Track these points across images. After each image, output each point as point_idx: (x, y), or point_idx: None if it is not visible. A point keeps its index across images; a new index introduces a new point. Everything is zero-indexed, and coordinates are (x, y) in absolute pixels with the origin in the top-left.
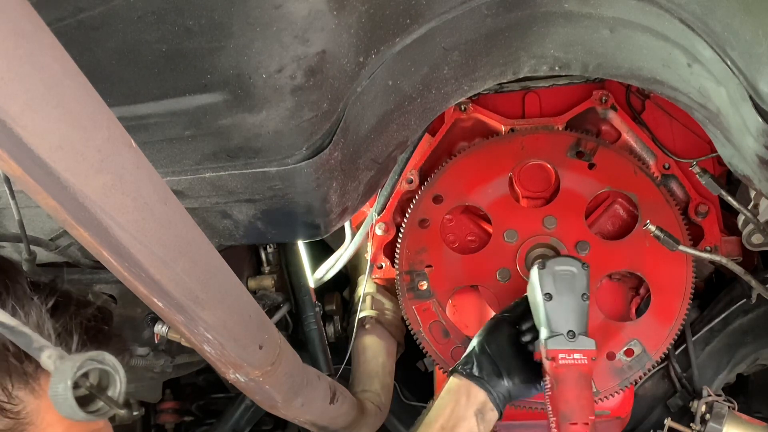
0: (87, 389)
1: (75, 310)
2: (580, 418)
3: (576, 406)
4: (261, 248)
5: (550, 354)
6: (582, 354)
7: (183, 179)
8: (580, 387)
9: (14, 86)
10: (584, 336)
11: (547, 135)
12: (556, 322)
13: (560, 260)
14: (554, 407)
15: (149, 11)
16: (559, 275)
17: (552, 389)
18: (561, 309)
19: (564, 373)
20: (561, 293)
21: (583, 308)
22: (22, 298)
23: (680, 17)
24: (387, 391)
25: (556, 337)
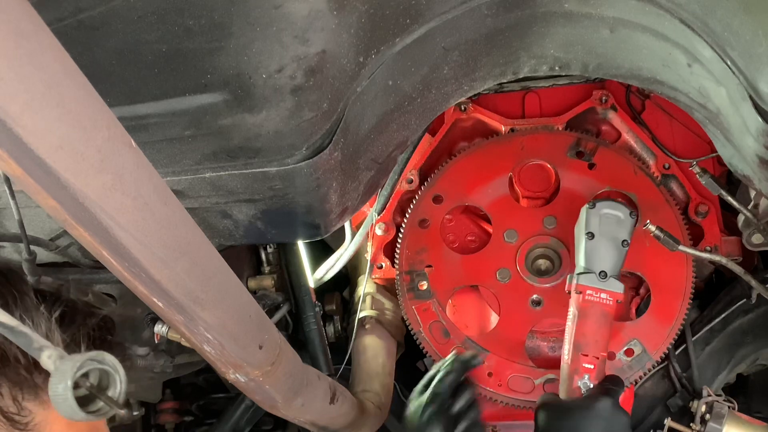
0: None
1: (81, 321)
2: (593, 351)
3: (591, 340)
4: (261, 248)
5: (580, 288)
6: (609, 295)
7: (183, 179)
8: (599, 324)
9: (14, 86)
10: (615, 279)
11: (547, 135)
12: (591, 260)
13: (610, 203)
14: (571, 337)
15: (149, 11)
16: (605, 217)
17: (573, 320)
18: (599, 249)
19: (588, 308)
20: (603, 234)
21: (620, 253)
22: (30, 309)
23: (680, 17)
24: (387, 391)
25: (589, 275)
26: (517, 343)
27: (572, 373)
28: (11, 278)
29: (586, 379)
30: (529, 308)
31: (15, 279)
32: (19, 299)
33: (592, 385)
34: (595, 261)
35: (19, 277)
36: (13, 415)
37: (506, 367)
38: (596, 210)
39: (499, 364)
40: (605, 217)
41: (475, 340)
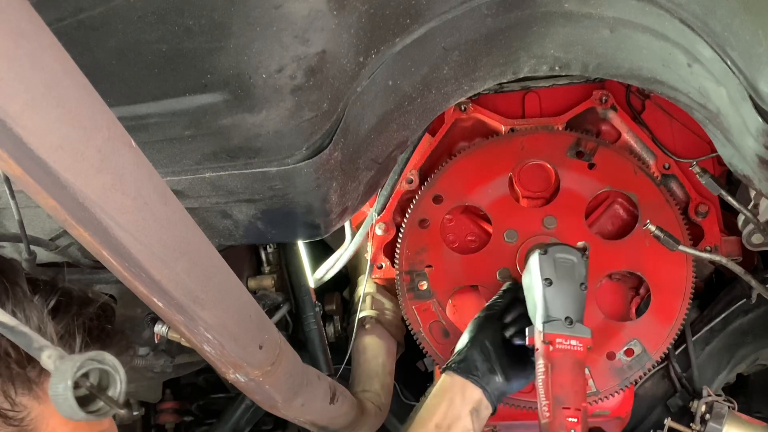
0: (87, 389)
1: (77, 311)
2: (573, 403)
3: (570, 391)
4: (261, 248)
5: (548, 338)
6: (578, 341)
7: (183, 179)
8: (575, 373)
9: (14, 86)
10: (581, 324)
11: (547, 135)
12: (554, 307)
13: (561, 248)
14: (547, 391)
15: (149, 11)
16: (560, 262)
17: (546, 373)
18: (560, 295)
19: (560, 358)
20: (561, 279)
21: (581, 297)
22: (22, 300)
23: (680, 17)
24: (387, 391)
25: (554, 322)
26: None
27: (557, 429)
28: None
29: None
30: None
31: (6, 269)
32: (10, 291)
33: None
34: (558, 308)
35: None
36: (6, 411)
37: None
38: (549, 255)
39: None
40: (559, 261)
41: None
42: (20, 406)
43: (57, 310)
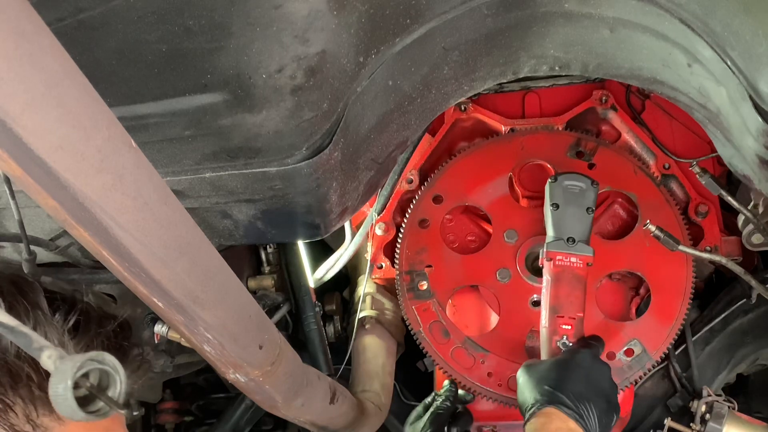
0: (87, 389)
1: (96, 329)
2: (567, 312)
3: (566, 302)
4: (261, 248)
5: (549, 255)
6: (578, 258)
7: (183, 179)
8: (572, 286)
9: (14, 86)
10: (584, 243)
11: (547, 135)
12: (559, 229)
13: (570, 175)
14: (546, 302)
15: (149, 11)
16: (568, 188)
17: (547, 287)
18: (566, 217)
19: (559, 273)
20: (567, 204)
21: (586, 219)
22: (42, 322)
23: (680, 17)
24: (387, 391)
25: (557, 242)
26: (517, 343)
27: (551, 335)
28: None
29: (564, 339)
30: (529, 308)
31: (27, 290)
32: (31, 312)
33: (571, 344)
34: (562, 229)
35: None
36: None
37: (506, 367)
38: (558, 183)
39: (499, 364)
40: (568, 188)
41: (475, 340)
42: (41, 427)
43: (76, 329)
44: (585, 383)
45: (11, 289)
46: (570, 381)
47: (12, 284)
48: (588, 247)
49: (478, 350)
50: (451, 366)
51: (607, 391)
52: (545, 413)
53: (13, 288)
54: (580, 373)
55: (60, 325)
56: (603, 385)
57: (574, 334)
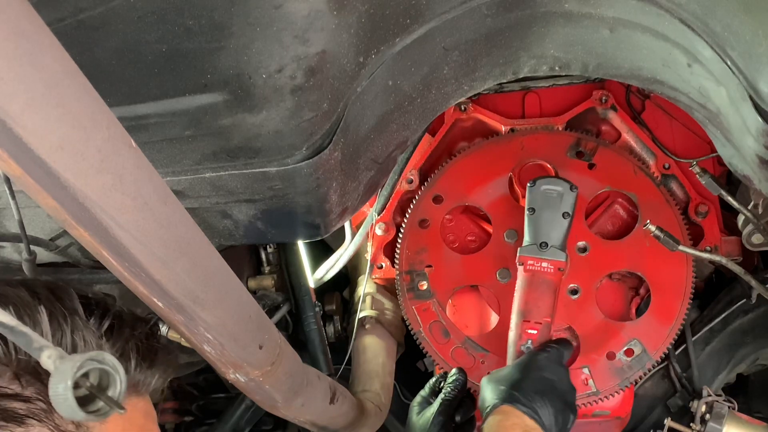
0: (87, 389)
1: (129, 333)
2: (534, 317)
3: (533, 307)
4: (261, 248)
5: (522, 260)
6: (549, 263)
7: (183, 179)
8: (540, 290)
9: (14, 86)
10: (557, 249)
11: (547, 135)
12: (533, 233)
13: (548, 180)
14: (515, 307)
15: (149, 11)
16: (545, 193)
17: (517, 291)
18: (540, 222)
19: (529, 277)
20: (543, 209)
21: (562, 224)
22: (81, 328)
23: (680, 17)
24: (387, 391)
25: (530, 246)
26: None
27: (516, 339)
28: (60, 296)
29: (528, 344)
30: None
31: (64, 296)
32: (69, 318)
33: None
34: (536, 233)
35: (67, 294)
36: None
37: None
38: (536, 187)
39: (499, 364)
40: (545, 193)
41: (475, 340)
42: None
43: (110, 332)
44: (541, 383)
45: (49, 296)
46: (527, 380)
47: (49, 291)
48: (561, 253)
49: (478, 350)
50: (451, 366)
51: (564, 392)
52: (501, 410)
53: (51, 295)
54: (537, 373)
55: (95, 329)
56: (560, 386)
57: (538, 339)
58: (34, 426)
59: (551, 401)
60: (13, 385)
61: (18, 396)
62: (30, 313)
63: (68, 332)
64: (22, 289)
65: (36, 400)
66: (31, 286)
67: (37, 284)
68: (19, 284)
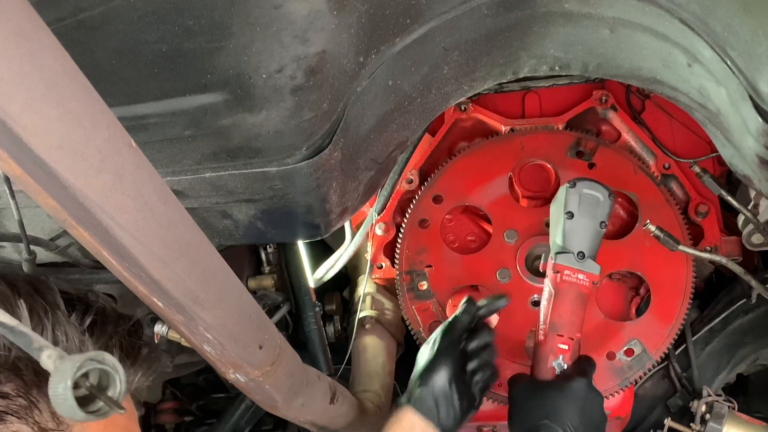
0: (87, 389)
1: (113, 329)
2: (568, 332)
3: (567, 321)
4: (261, 248)
5: (557, 268)
6: (586, 276)
7: (183, 179)
8: (575, 305)
9: (14, 86)
10: (592, 260)
11: (547, 135)
12: (570, 240)
13: (589, 183)
14: (546, 317)
15: (149, 11)
16: (585, 197)
17: (549, 300)
18: (579, 229)
19: (565, 288)
20: (583, 215)
21: (598, 234)
22: (63, 322)
23: (680, 17)
24: (387, 391)
25: (567, 254)
26: (517, 343)
27: (547, 353)
28: (41, 290)
29: (560, 360)
30: (529, 308)
31: (45, 291)
32: (51, 313)
33: (566, 366)
34: (573, 241)
35: (49, 288)
36: (52, 430)
37: (506, 367)
38: (576, 189)
39: (499, 364)
40: (585, 197)
41: None
42: (64, 424)
43: (93, 328)
44: (580, 413)
45: (29, 290)
46: (566, 411)
47: (29, 285)
48: (596, 265)
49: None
50: None
51: (599, 422)
52: None
53: (31, 289)
54: (577, 403)
55: (78, 324)
56: (596, 416)
57: (570, 356)
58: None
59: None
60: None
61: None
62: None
63: (49, 327)
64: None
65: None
66: (11, 280)
67: (17, 278)
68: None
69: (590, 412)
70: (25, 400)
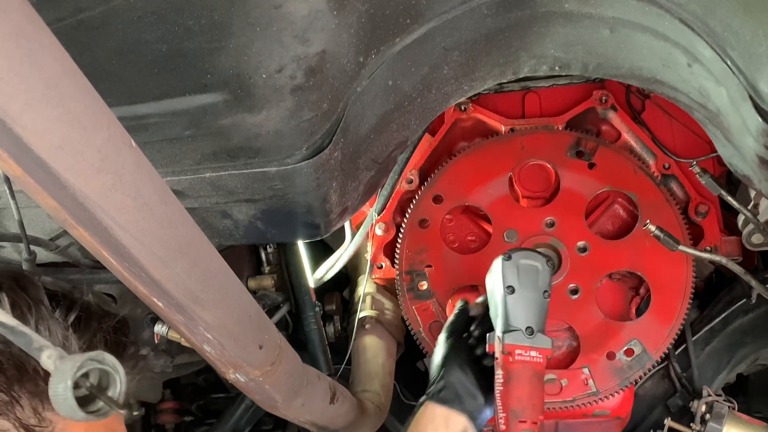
0: (87, 389)
1: (97, 325)
2: (530, 416)
3: (527, 404)
4: (261, 248)
5: (507, 348)
6: (538, 352)
7: (183, 179)
8: (533, 385)
9: (14, 86)
10: (542, 334)
11: (547, 135)
12: (515, 316)
13: (526, 254)
14: (505, 403)
15: (149, 11)
16: (524, 268)
17: (504, 384)
18: (522, 303)
19: (519, 370)
20: (524, 287)
21: (543, 305)
22: (46, 317)
23: (680, 17)
24: (387, 391)
25: (514, 332)
26: None
27: None
28: (24, 285)
29: None
30: None
31: (28, 286)
32: (34, 308)
33: None
34: (519, 317)
35: (32, 283)
36: (34, 426)
37: None
38: (513, 262)
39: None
40: (523, 267)
41: None
42: (47, 420)
43: (77, 324)
44: None
45: (12, 285)
46: None
47: (13, 280)
48: (547, 339)
49: None
50: None
51: None
52: None
53: (14, 284)
54: None
55: (62, 320)
56: None
57: None
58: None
59: None
60: None
61: None
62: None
63: (32, 322)
64: None
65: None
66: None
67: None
68: None
69: None
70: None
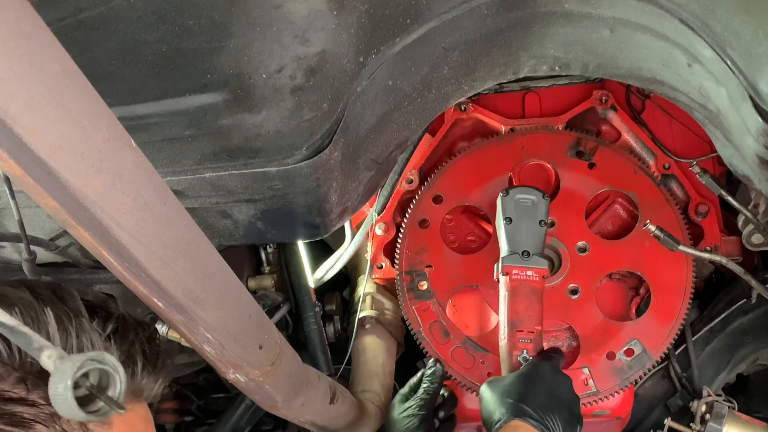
0: (87, 389)
1: (134, 336)
2: (527, 326)
3: (524, 316)
4: (261, 248)
5: (505, 270)
6: (534, 272)
7: (183, 179)
8: (529, 300)
9: (14, 86)
10: (538, 256)
11: (547, 135)
12: (513, 243)
13: (522, 189)
14: (504, 317)
15: (149, 11)
16: (520, 202)
17: (504, 301)
18: (519, 232)
19: (516, 287)
20: (520, 218)
21: (540, 232)
22: (87, 330)
23: (680, 17)
24: (387, 391)
25: (512, 256)
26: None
27: (510, 349)
28: (62, 296)
29: (524, 354)
30: None
31: (66, 297)
32: (74, 319)
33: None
34: (516, 243)
35: (70, 294)
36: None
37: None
38: (510, 197)
39: (499, 364)
40: (519, 202)
41: (475, 341)
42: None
43: (115, 335)
44: (548, 395)
45: (52, 297)
46: (533, 393)
47: (51, 292)
48: (543, 260)
49: (478, 350)
50: (451, 366)
51: (570, 402)
52: (512, 426)
53: (53, 296)
54: (543, 385)
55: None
56: (565, 396)
57: (533, 348)
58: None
59: (559, 413)
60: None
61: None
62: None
63: (74, 334)
64: (24, 290)
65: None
66: (32, 287)
67: (38, 285)
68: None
69: (559, 393)
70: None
